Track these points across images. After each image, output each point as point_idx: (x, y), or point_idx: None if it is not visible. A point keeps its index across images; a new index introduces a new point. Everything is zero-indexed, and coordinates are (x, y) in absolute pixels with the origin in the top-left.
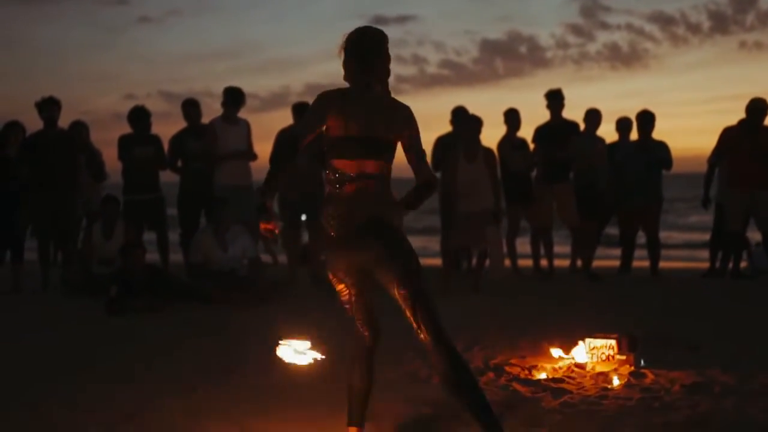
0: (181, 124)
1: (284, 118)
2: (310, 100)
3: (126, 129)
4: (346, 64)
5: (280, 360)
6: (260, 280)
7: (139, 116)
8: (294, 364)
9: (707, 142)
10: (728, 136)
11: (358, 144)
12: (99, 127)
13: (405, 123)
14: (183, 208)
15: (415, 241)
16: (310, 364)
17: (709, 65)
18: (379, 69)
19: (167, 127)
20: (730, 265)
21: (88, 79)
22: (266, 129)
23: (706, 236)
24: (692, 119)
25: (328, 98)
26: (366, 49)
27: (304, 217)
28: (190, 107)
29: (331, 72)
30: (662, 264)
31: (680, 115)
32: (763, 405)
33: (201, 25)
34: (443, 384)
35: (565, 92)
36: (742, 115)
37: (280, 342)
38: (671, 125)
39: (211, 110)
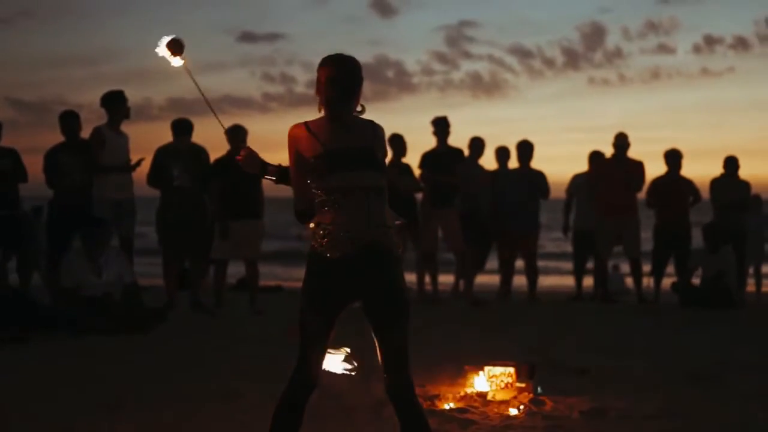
0: (30, 134)
1: (144, 131)
2: (173, 114)
3: None
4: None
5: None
6: (137, 306)
7: None
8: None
9: (559, 171)
10: (600, 167)
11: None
12: None
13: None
14: (53, 227)
15: (276, 267)
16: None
17: (562, 97)
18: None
19: (14, 137)
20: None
21: None
22: None
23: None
24: (547, 147)
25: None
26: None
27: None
28: (70, 120)
29: (195, 87)
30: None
31: (536, 144)
32: (657, 428)
33: (57, 29)
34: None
35: (430, 118)
36: (592, 145)
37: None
38: None
39: None
